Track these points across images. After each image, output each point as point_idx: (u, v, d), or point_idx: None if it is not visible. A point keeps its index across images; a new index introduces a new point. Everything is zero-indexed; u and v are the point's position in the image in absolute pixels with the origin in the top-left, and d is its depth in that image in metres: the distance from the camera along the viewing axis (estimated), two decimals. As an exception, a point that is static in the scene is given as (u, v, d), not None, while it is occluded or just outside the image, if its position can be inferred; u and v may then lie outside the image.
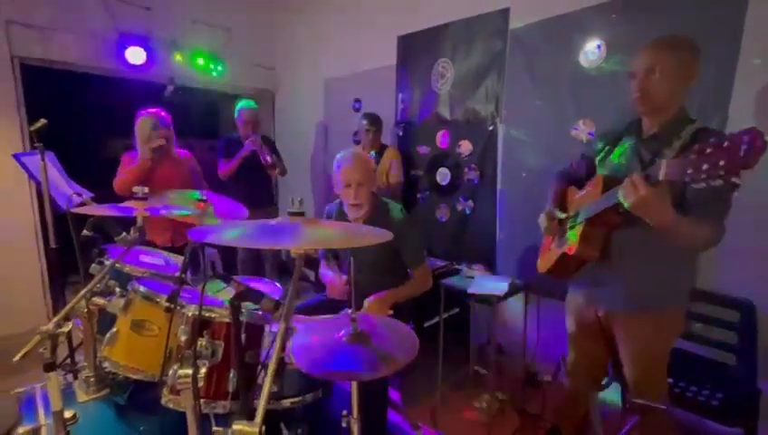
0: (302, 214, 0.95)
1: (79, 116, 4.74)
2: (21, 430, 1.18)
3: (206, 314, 1.10)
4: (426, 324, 2.32)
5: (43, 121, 2.07)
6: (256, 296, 0.96)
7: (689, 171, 0.93)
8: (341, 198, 1.90)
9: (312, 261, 2.34)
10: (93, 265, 1.52)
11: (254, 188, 3.34)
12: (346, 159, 1.83)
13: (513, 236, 2.69)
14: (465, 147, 2.90)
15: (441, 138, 3.04)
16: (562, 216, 1.57)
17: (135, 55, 3.50)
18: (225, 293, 1.76)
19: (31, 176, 2.36)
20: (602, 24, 2.19)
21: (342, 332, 1.20)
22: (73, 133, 4.94)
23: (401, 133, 3.33)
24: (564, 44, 2.32)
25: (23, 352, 0.87)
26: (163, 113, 2.58)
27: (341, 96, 3.83)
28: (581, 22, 2.26)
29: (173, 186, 2.47)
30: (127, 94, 3.89)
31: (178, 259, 1.80)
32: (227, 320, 1.07)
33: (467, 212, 2.95)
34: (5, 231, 3.12)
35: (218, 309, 1.09)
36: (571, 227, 1.51)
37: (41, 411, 1.22)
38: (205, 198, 2.11)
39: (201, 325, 1.07)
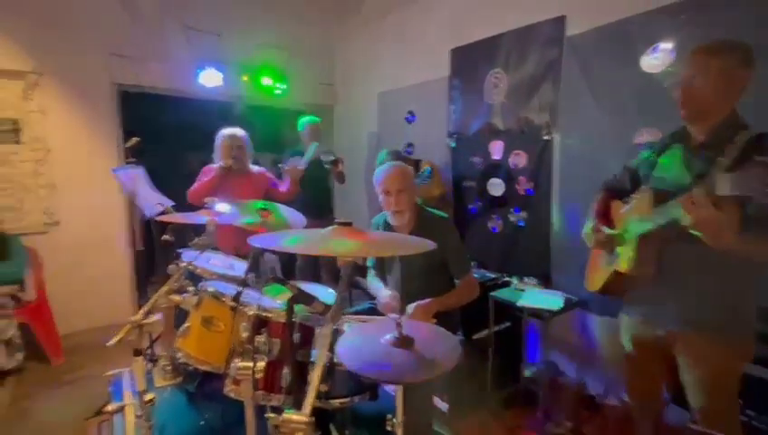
0: (349, 224, 1.02)
1: (159, 134, 5.30)
2: (109, 407, 1.36)
3: (265, 314, 1.21)
4: (474, 336, 2.30)
5: (136, 139, 2.38)
6: (309, 299, 1.04)
7: (754, 185, 0.88)
8: (384, 207, 1.95)
9: (363, 269, 2.43)
10: (171, 265, 1.71)
11: (314, 198, 3.55)
12: (384, 170, 1.90)
13: (570, 250, 2.57)
14: (520, 157, 2.85)
15: (494, 148, 3.02)
16: (610, 231, 1.51)
17: (210, 78, 3.87)
18: (285, 296, 1.90)
19: (124, 187, 2.71)
20: (669, 26, 2.07)
21: (387, 335, 1.26)
22: (156, 149, 5.53)
23: (454, 144, 3.35)
24: (626, 50, 2.22)
25: (116, 339, 1.02)
26: (239, 133, 2.80)
27: (395, 109, 3.94)
28: (645, 25, 2.15)
29: (244, 199, 2.69)
30: (201, 113, 4.33)
31: (244, 263, 1.97)
32: (283, 320, 1.17)
33: (521, 224, 2.88)
34: (102, 235, 3.58)
35: (276, 310, 1.20)
36: (621, 244, 1.44)
37: (126, 392, 1.40)
38: (267, 207, 2.29)
39: (260, 324, 1.18)
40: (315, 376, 0.81)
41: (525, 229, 2.85)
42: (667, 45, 2.08)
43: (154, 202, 2.80)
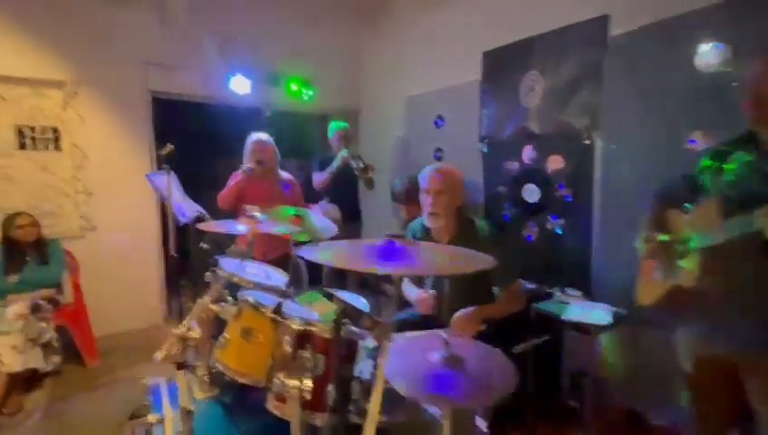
0: (401, 237, 0.96)
1: (188, 139, 5.39)
2: (150, 418, 1.35)
3: (309, 328, 1.16)
4: (514, 350, 2.19)
5: (170, 147, 2.40)
6: (357, 314, 0.99)
7: None
8: (423, 207, 1.90)
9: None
10: (207, 273, 1.70)
11: (343, 203, 3.53)
12: (429, 170, 1.87)
13: (612, 260, 2.45)
14: (556, 162, 2.74)
15: (528, 153, 2.92)
16: (668, 239, 1.41)
17: (241, 85, 3.91)
18: (318, 304, 1.86)
19: (158, 193, 2.74)
20: (725, 22, 1.94)
21: (435, 353, 1.19)
22: (185, 155, 5.63)
23: (486, 149, 3.26)
24: (676, 49, 2.10)
25: (161, 354, 1.00)
26: (265, 138, 2.81)
27: (424, 113, 3.88)
28: (698, 23, 2.03)
29: (270, 203, 2.69)
30: (229, 120, 4.38)
31: (277, 272, 1.94)
32: (327, 335, 1.12)
33: (558, 231, 2.76)
34: (136, 240, 3.65)
35: (320, 324, 1.15)
36: (683, 256, 1.34)
37: (166, 403, 1.38)
38: (300, 214, 2.26)
39: (303, 338, 1.14)
40: (374, 402, 0.75)
41: (563, 237, 2.73)
42: (721, 44, 1.95)
43: (186, 208, 2.83)
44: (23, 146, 3.20)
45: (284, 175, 2.96)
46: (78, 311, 3.08)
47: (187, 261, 2.90)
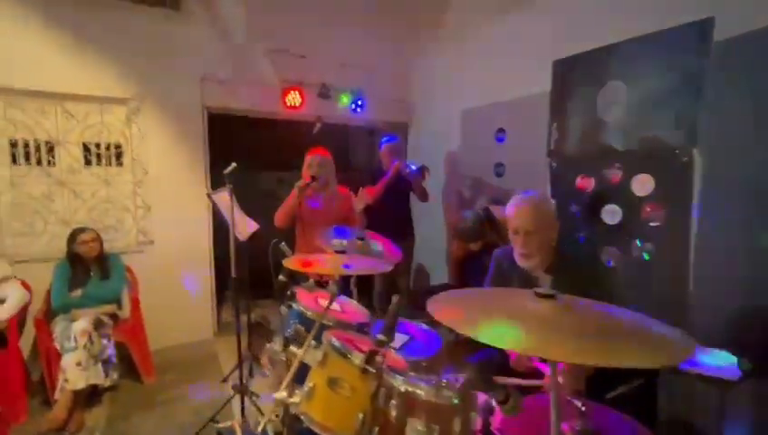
0: (552, 296, 0.79)
1: (240, 153, 5.43)
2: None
3: (412, 390, 1.00)
4: (608, 396, 1.95)
5: (234, 166, 2.34)
6: (492, 387, 0.82)
7: None
8: (512, 242, 1.73)
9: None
10: (282, 307, 1.59)
11: (396, 217, 3.42)
12: (516, 203, 1.68)
13: (716, 295, 2.15)
14: (644, 181, 2.46)
15: (610, 171, 2.65)
16: None
17: (292, 98, 3.87)
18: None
19: (219, 211, 2.69)
20: None
21: (567, 423, 1.00)
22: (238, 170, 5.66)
23: (555, 165, 3.02)
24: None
25: (264, 423, 0.87)
26: (320, 153, 2.73)
27: (482, 126, 3.68)
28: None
29: (327, 219, 2.59)
30: (282, 134, 4.36)
31: (351, 303, 1.81)
32: (439, 401, 0.96)
33: (645, 257, 2.48)
34: (189, 254, 3.65)
35: (426, 387, 0.98)
36: None
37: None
38: (363, 236, 2.13)
39: (411, 404, 0.98)
40: None
41: (652, 264, 2.44)
42: None
43: (247, 226, 2.77)
44: (88, 162, 3.26)
45: (340, 190, 2.87)
46: (136, 327, 3.08)
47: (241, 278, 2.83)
